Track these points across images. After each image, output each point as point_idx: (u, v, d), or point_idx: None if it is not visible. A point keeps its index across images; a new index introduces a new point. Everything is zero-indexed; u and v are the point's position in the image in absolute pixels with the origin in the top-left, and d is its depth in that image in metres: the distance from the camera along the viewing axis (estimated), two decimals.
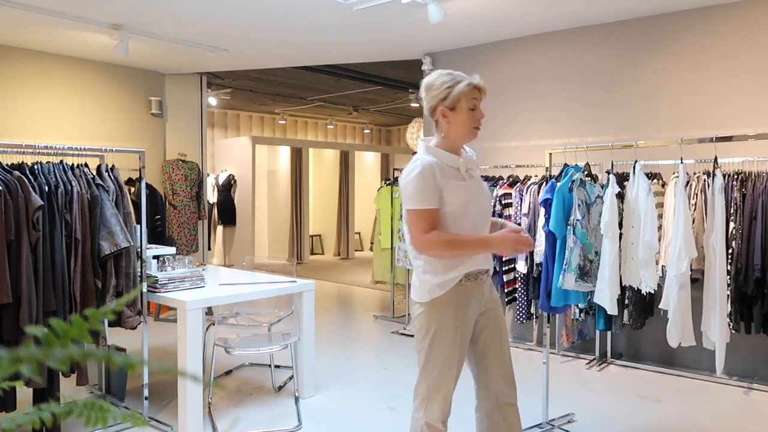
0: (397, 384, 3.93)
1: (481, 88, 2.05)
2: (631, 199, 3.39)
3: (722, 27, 4.15)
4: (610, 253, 3.15)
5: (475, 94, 2.03)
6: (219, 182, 9.38)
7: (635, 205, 3.37)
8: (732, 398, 3.70)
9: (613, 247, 3.17)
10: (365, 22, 4.63)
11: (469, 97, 2.01)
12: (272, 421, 3.29)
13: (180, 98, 6.71)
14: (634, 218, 3.38)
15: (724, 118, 4.11)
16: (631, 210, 3.41)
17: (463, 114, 2.03)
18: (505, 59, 5.18)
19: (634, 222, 3.38)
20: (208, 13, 4.44)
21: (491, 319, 2.16)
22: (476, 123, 2.05)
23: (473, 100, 2.02)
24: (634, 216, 3.38)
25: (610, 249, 3.16)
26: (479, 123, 2.06)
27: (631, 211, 3.40)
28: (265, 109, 10.38)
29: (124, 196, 3.13)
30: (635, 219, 3.37)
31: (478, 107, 2.05)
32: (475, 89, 2.02)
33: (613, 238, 3.19)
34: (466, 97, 2.01)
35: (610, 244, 3.16)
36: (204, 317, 3.44)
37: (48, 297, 2.76)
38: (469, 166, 2.09)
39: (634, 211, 3.38)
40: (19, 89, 5.41)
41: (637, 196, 3.35)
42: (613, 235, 3.19)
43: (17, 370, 0.45)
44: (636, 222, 3.37)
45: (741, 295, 3.64)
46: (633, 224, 3.39)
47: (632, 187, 3.39)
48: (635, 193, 3.37)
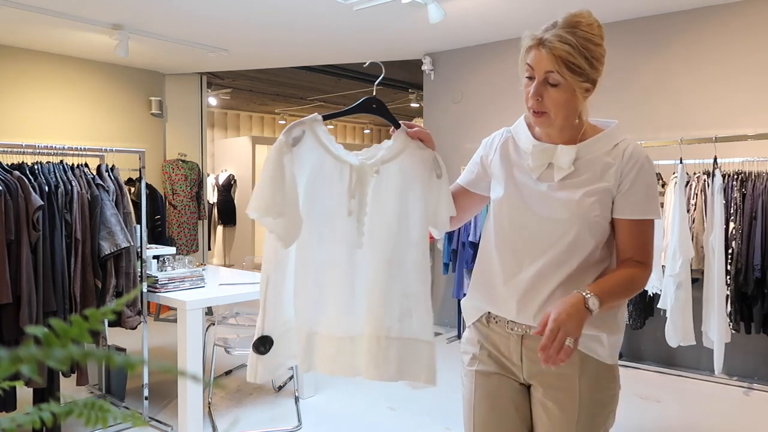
0: (397, 384, 3.92)
1: (535, 47, 1.28)
2: None
3: (722, 27, 4.15)
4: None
5: (532, 59, 1.29)
6: (219, 182, 9.38)
7: None
8: (732, 398, 3.70)
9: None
10: (365, 22, 4.63)
11: (526, 58, 1.31)
12: (272, 421, 3.29)
13: (180, 98, 6.71)
14: None
15: (724, 118, 4.11)
16: None
17: (523, 81, 1.34)
18: (505, 59, 5.18)
19: None
20: (208, 13, 4.44)
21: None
22: (528, 99, 1.32)
23: (528, 66, 1.31)
24: None
25: None
26: (532, 105, 1.31)
27: None
28: (265, 109, 10.38)
29: (124, 196, 3.13)
30: None
31: (536, 79, 1.29)
32: (535, 46, 1.29)
33: None
34: (523, 61, 1.32)
35: None
36: (204, 317, 3.44)
37: (48, 297, 2.76)
38: (556, 162, 1.35)
39: None
40: (19, 89, 5.41)
41: None
42: None
43: (17, 370, 0.45)
44: None
45: (741, 295, 3.64)
46: None
47: None
48: None
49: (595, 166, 1.34)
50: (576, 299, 1.22)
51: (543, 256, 1.34)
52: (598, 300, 1.23)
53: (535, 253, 1.35)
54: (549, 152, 1.36)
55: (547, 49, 1.26)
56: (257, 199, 1.23)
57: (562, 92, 1.28)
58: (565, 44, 1.24)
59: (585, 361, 1.33)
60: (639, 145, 1.37)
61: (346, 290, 1.37)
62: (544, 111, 1.31)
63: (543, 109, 1.31)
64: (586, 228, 1.32)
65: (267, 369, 1.36)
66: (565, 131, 1.37)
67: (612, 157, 1.34)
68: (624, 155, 1.33)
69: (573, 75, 1.26)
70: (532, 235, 1.36)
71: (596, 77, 1.30)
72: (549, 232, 1.34)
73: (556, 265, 1.33)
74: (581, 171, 1.34)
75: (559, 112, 1.31)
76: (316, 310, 1.37)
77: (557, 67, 1.25)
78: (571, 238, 1.32)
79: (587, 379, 1.34)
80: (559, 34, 1.26)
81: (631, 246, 1.34)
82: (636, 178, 1.32)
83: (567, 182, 1.34)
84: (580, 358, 1.33)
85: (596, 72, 1.29)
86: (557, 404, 1.35)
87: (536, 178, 1.37)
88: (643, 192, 1.32)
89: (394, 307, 1.37)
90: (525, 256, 1.36)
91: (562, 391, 1.34)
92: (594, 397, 1.34)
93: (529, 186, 1.38)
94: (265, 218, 1.24)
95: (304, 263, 1.36)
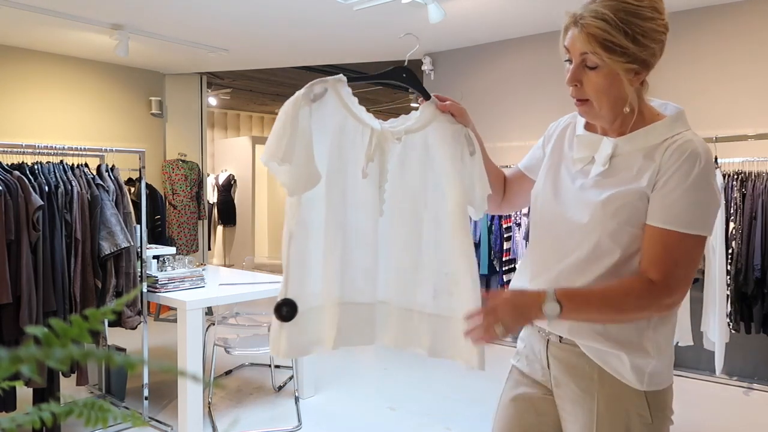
0: (397, 384, 3.93)
1: (570, 27, 1.14)
2: None
3: (722, 27, 4.15)
4: None
5: (568, 40, 1.16)
6: (219, 182, 9.38)
7: None
8: (732, 398, 3.70)
9: None
10: (365, 22, 4.63)
11: (564, 40, 1.18)
12: (272, 421, 3.29)
13: (180, 98, 6.71)
14: None
15: (724, 118, 4.11)
16: None
17: (566, 70, 1.19)
18: (505, 59, 5.18)
19: None
20: (208, 13, 4.44)
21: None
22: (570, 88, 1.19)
23: (565, 50, 1.18)
24: None
25: None
26: (571, 93, 1.19)
27: None
28: (265, 109, 10.38)
29: (124, 196, 3.13)
30: None
31: (574, 63, 1.15)
32: (571, 25, 1.14)
33: None
34: (561, 43, 1.19)
35: None
36: (204, 317, 3.44)
37: (48, 297, 2.76)
38: (597, 154, 1.21)
39: None
40: (19, 89, 5.41)
41: None
42: None
43: (17, 370, 0.45)
44: None
45: (741, 295, 3.64)
46: None
47: None
48: None
49: (634, 165, 1.15)
50: (535, 295, 1.13)
51: (563, 260, 1.22)
52: (559, 306, 1.10)
53: (558, 255, 1.23)
54: (594, 144, 1.21)
55: (580, 27, 1.10)
56: (267, 144, 1.22)
57: (602, 76, 1.12)
58: (599, 20, 1.08)
59: (603, 377, 1.19)
60: (694, 140, 1.12)
61: (369, 257, 1.32)
62: (585, 99, 1.16)
63: (584, 97, 1.16)
64: (608, 235, 1.15)
65: (292, 346, 1.26)
66: (619, 122, 1.19)
67: (658, 153, 1.14)
68: (668, 151, 1.12)
69: (611, 55, 1.09)
70: (559, 237, 1.23)
71: (646, 57, 1.12)
72: (571, 236, 1.21)
73: (575, 272, 1.20)
74: (617, 169, 1.17)
75: (602, 100, 1.14)
76: (344, 278, 1.31)
77: (591, 48, 1.09)
78: (592, 245, 1.17)
79: (606, 397, 1.19)
80: (595, 9, 1.09)
81: (648, 257, 1.13)
82: (672, 177, 1.10)
83: (599, 181, 1.18)
84: (599, 373, 1.20)
85: (645, 50, 1.10)
86: (572, 417, 1.24)
87: (576, 171, 1.23)
88: (677, 195, 1.10)
89: (427, 284, 1.32)
90: (550, 257, 1.25)
91: (579, 405, 1.23)
92: (615, 421, 1.18)
93: (566, 181, 1.25)
94: (270, 162, 1.22)
95: (333, 225, 1.29)
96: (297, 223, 1.26)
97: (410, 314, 1.33)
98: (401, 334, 1.34)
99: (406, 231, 1.32)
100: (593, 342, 1.18)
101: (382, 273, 1.34)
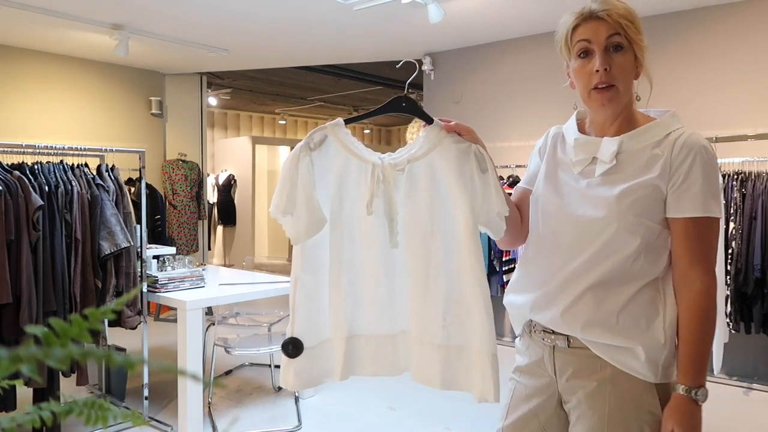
0: (397, 384, 3.93)
1: (586, 20, 1.21)
2: None
3: (722, 27, 4.15)
4: None
5: (586, 32, 1.21)
6: (219, 182, 9.38)
7: None
8: (732, 398, 3.70)
9: None
10: (365, 22, 4.63)
11: (576, 36, 1.23)
12: (272, 421, 3.29)
13: (180, 98, 6.71)
14: None
15: (724, 118, 4.11)
16: None
17: (575, 63, 1.24)
18: (505, 59, 5.19)
19: None
20: (208, 13, 4.44)
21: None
22: (589, 78, 1.21)
23: (582, 42, 1.22)
24: None
25: None
26: (599, 79, 1.20)
27: None
28: (265, 109, 10.38)
29: (124, 196, 3.13)
30: None
31: (594, 53, 1.20)
32: (584, 21, 1.21)
33: None
34: (571, 36, 1.24)
35: None
36: (204, 317, 3.44)
37: (48, 297, 2.76)
38: (599, 156, 1.25)
39: None
40: (19, 89, 5.41)
41: None
42: None
43: (17, 370, 0.45)
44: None
45: (741, 295, 3.64)
46: None
47: None
48: None
49: (640, 159, 1.21)
50: (683, 405, 1.20)
51: (574, 260, 1.23)
52: (699, 387, 1.20)
53: (566, 257, 1.24)
54: (593, 145, 1.25)
55: (605, 13, 1.19)
56: (272, 198, 1.27)
57: (627, 56, 1.21)
58: (621, 5, 1.21)
59: (615, 376, 1.20)
60: (696, 134, 1.20)
61: (382, 289, 1.31)
62: (612, 84, 1.20)
63: (611, 81, 1.20)
64: (624, 228, 1.18)
65: (300, 379, 1.31)
66: (619, 122, 1.26)
67: (661, 148, 1.20)
68: (675, 145, 1.19)
69: (637, 31, 1.21)
70: (570, 235, 1.25)
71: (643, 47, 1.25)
72: (582, 234, 1.22)
73: (586, 268, 1.21)
74: (624, 165, 1.21)
75: (627, 81, 1.22)
76: (354, 312, 1.32)
77: (622, 27, 1.19)
78: (606, 239, 1.19)
79: (618, 397, 1.20)
80: (607, 0, 1.21)
81: (689, 252, 1.17)
82: (691, 169, 1.17)
83: (607, 177, 1.22)
84: (611, 373, 1.20)
85: (643, 42, 1.23)
86: (583, 420, 1.24)
87: (577, 173, 1.27)
88: (700, 184, 1.16)
89: (436, 313, 1.28)
90: (560, 259, 1.26)
91: (590, 408, 1.22)
92: (628, 420, 1.20)
93: (569, 184, 1.27)
94: (276, 215, 1.27)
95: (337, 264, 1.30)
96: (302, 269, 1.30)
97: (422, 346, 1.30)
98: (416, 365, 1.33)
99: (418, 260, 1.30)
100: (608, 339, 1.20)
101: (398, 304, 1.33)
